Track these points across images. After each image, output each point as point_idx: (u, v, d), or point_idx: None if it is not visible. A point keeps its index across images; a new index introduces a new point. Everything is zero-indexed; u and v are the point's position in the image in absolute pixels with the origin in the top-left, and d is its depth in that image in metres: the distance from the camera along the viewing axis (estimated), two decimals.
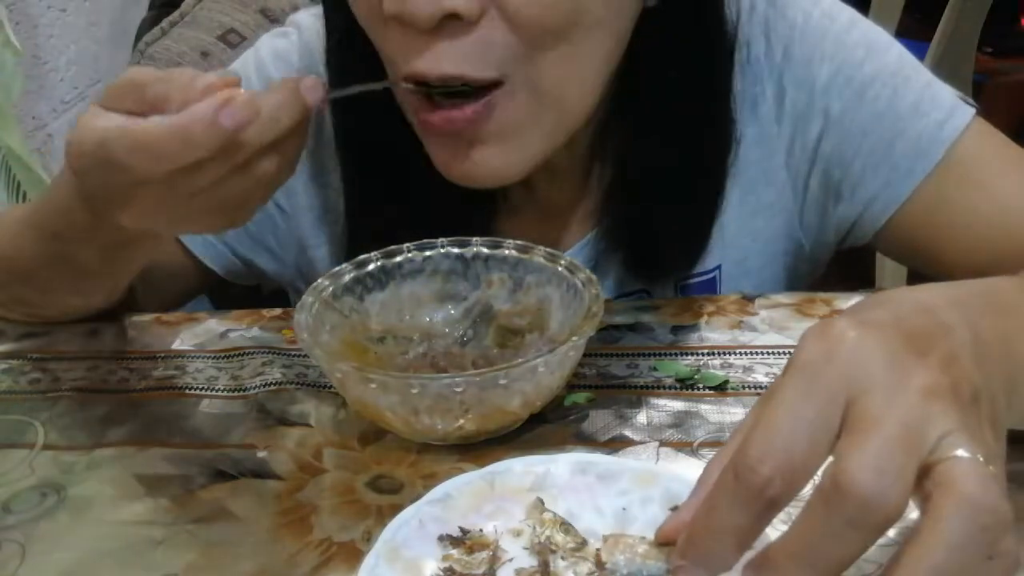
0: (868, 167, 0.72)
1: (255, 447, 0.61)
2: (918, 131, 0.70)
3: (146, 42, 1.57)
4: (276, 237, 0.83)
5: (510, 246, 0.67)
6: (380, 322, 0.67)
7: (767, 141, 0.74)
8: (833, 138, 0.72)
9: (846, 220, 0.75)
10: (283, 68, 0.80)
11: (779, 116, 0.73)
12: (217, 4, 1.62)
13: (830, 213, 0.76)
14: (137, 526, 0.55)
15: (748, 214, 0.76)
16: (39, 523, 0.56)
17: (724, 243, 0.76)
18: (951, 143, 0.69)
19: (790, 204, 0.76)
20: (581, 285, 0.62)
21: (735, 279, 0.78)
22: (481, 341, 0.67)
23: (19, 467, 0.61)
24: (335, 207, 0.79)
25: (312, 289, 0.63)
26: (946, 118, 0.70)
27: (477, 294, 0.68)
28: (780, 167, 0.75)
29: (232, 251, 0.82)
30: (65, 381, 0.70)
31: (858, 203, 0.73)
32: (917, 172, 0.70)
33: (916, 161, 0.70)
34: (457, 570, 0.48)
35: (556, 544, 0.48)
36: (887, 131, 0.71)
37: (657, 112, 0.69)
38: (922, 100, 0.70)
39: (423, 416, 0.56)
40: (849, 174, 0.73)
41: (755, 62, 0.73)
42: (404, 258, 0.68)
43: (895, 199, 0.71)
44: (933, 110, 0.70)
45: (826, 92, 0.71)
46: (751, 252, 0.77)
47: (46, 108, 1.49)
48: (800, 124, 0.73)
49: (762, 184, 0.75)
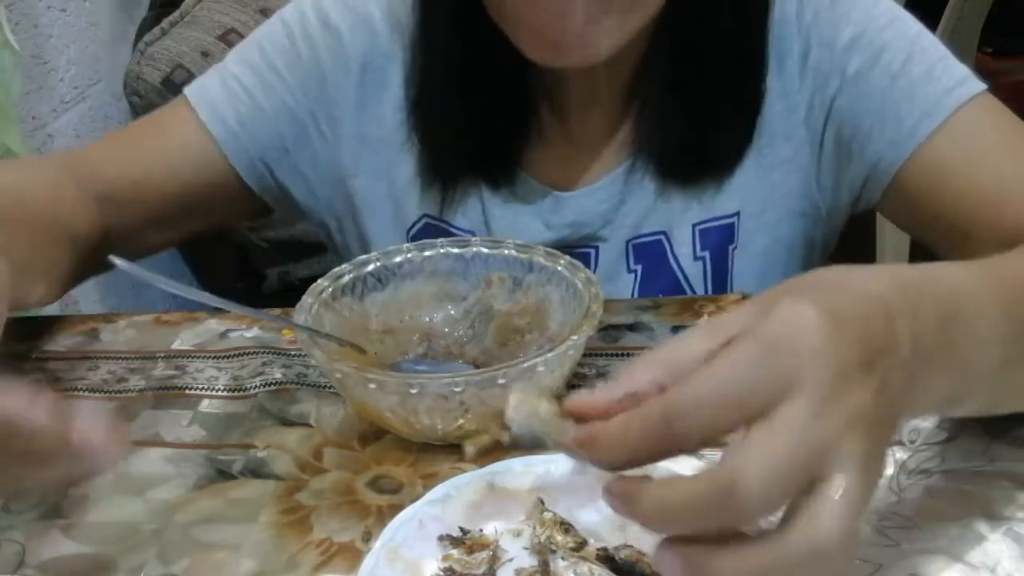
0: (876, 126, 0.73)
1: (255, 447, 0.61)
2: (927, 95, 0.72)
3: (146, 42, 1.57)
4: (314, 166, 0.83)
5: (510, 246, 0.67)
6: (380, 322, 0.67)
7: (789, 96, 0.76)
8: (847, 96, 0.75)
9: (857, 179, 0.76)
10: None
11: (803, 72, 0.76)
12: (217, 4, 1.62)
13: (843, 172, 0.77)
14: (136, 526, 0.55)
15: (767, 167, 0.78)
16: (39, 524, 0.56)
17: (744, 193, 0.78)
18: (955, 109, 0.71)
19: (807, 163, 0.78)
20: (581, 285, 0.62)
21: (751, 232, 0.79)
22: (481, 341, 0.67)
23: None
24: (377, 136, 0.82)
25: (312, 290, 0.63)
26: (955, 86, 0.72)
27: (477, 294, 0.68)
28: (800, 123, 0.77)
29: (270, 172, 0.83)
30: (65, 381, 0.70)
31: (867, 162, 0.75)
32: (920, 133, 0.71)
33: (921, 122, 0.71)
34: (457, 570, 0.48)
35: (556, 544, 0.48)
36: (898, 92, 0.72)
37: (695, 46, 0.73)
38: (935, 68, 0.72)
39: (423, 416, 0.56)
40: (859, 132, 0.74)
41: (787, 20, 0.76)
42: (404, 258, 0.68)
43: (898, 158, 0.72)
44: (944, 77, 0.72)
45: (847, 52, 0.74)
46: (768, 205, 0.79)
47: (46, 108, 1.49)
48: (820, 81, 0.75)
49: (781, 138, 0.77)
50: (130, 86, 1.57)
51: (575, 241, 0.80)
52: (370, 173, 0.83)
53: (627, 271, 0.81)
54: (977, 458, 0.56)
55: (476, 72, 0.76)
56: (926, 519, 0.52)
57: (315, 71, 0.80)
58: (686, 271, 0.80)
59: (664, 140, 0.77)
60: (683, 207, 0.79)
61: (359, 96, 0.81)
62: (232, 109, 0.80)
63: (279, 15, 0.83)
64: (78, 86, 1.58)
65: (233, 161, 0.81)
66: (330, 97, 0.81)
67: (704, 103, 0.75)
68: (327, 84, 0.81)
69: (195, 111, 0.80)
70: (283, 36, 0.81)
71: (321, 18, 0.81)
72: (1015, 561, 0.49)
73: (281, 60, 0.81)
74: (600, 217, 0.79)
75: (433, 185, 0.81)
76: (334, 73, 0.81)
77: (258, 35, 0.83)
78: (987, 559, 0.50)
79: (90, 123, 1.60)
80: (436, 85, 0.78)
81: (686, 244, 0.79)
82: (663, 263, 0.80)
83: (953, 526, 0.52)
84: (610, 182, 0.79)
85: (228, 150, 0.80)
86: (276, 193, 0.84)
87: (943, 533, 0.51)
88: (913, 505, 0.53)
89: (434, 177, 0.81)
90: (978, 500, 0.53)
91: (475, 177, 0.81)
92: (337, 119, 0.82)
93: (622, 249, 0.80)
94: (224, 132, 0.80)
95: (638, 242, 0.80)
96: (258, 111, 0.80)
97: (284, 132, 0.81)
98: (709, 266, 0.80)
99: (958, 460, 0.56)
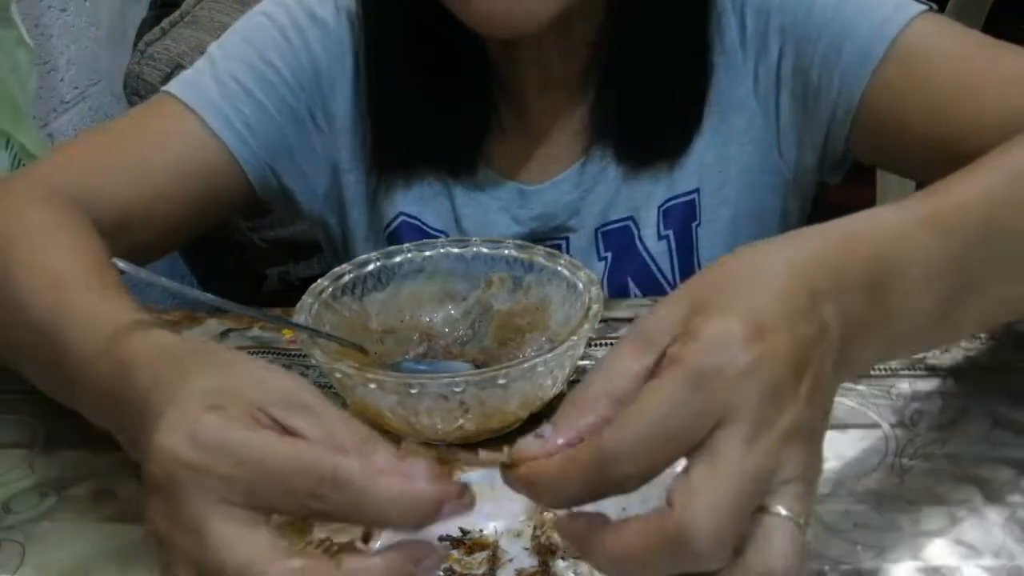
0: (824, 74, 0.73)
1: None
2: (866, 28, 0.71)
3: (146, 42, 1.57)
4: (311, 160, 0.83)
5: (510, 246, 0.67)
6: (380, 322, 0.67)
7: (734, 68, 0.77)
8: (790, 54, 0.75)
9: (819, 134, 0.76)
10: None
11: (743, 43, 0.76)
12: (217, 4, 1.62)
13: (805, 130, 0.77)
14: (137, 526, 0.55)
15: (722, 142, 0.78)
16: (39, 523, 0.56)
17: (701, 169, 0.79)
18: (892, 38, 0.70)
19: (764, 134, 0.78)
20: (581, 285, 0.62)
21: (714, 208, 0.79)
22: (481, 341, 0.67)
23: (19, 467, 0.61)
24: (367, 130, 0.81)
25: (312, 290, 0.63)
26: (890, 14, 0.71)
27: (477, 294, 0.68)
28: (749, 95, 0.77)
29: (270, 165, 0.81)
30: None
31: (823, 113, 0.74)
32: (864, 72, 0.71)
33: (863, 60, 0.71)
34: (457, 570, 0.48)
35: (556, 544, 0.48)
36: (835, 35, 0.72)
37: (641, 29, 0.74)
38: (868, 3, 0.72)
39: (423, 416, 0.56)
40: (809, 85, 0.74)
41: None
42: (404, 258, 0.68)
43: (852, 101, 0.72)
44: (879, 9, 0.71)
45: (780, 10, 0.74)
46: (727, 180, 0.79)
47: (46, 108, 1.49)
48: (761, 49, 0.76)
49: (732, 111, 0.78)
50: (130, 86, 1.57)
51: (544, 234, 0.80)
52: (360, 169, 0.83)
53: (598, 259, 0.81)
54: (980, 443, 0.57)
55: (430, 67, 0.76)
56: (928, 503, 0.53)
57: (309, 64, 0.80)
58: (652, 252, 0.80)
59: (618, 124, 0.77)
60: (647, 190, 0.79)
61: (354, 88, 0.81)
62: (233, 109, 0.77)
63: (259, 11, 0.81)
64: (78, 86, 1.58)
65: (243, 164, 0.78)
66: (325, 90, 0.81)
67: (652, 84, 0.75)
68: (321, 77, 0.80)
69: (196, 114, 0.77)
70: (271, 29, 0.80)
71: (306, 10, 0.80)
72: (1018, 544, 0.49)
73: (274, 53, 0.79)
74: (567, 208, 0.80)
75: (401, 182, 0.81)
76: (327, 65, 0.80)
77: (242, 30, 0.81)
78: (990, 543, 0.50)
79: (90, 123, 1.60)
80: (390, 81, 0.78)
81: (651, 225, 0.80)
82: (631, 248, 0.80)
83: (956, 510, 0.52)
84: (573, 172, 0.80)
85: (238, 153, 0.78)
86: (277, 192, 0.84)
87: (945, 517, 0.52)
88: (915, 489, 0.54)
89: (400, 174, 0.81)
90: (981, 484, 0.54)
91: (440, 174, 0.81)
92: (332, 113, 0.81)
93: (591, 238, 0.81)
94: (233, 136, 0.77)
95: (606, 229, 0.80)
96: (260, 109, 0.78)
97: (287, 129, 0.80)
98: (674, 244, 0.80)
99: (961, 444, 0.57)
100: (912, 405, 0.58)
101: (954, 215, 0.48)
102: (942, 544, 0.50)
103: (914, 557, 0.49)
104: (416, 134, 0.79)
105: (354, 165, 0.83)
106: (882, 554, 0.49)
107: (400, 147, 0.80)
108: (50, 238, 0.63)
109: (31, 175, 0.74)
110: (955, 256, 0.47)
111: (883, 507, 0.52)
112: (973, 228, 0.48)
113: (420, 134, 0.79)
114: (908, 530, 0.51)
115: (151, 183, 0.75)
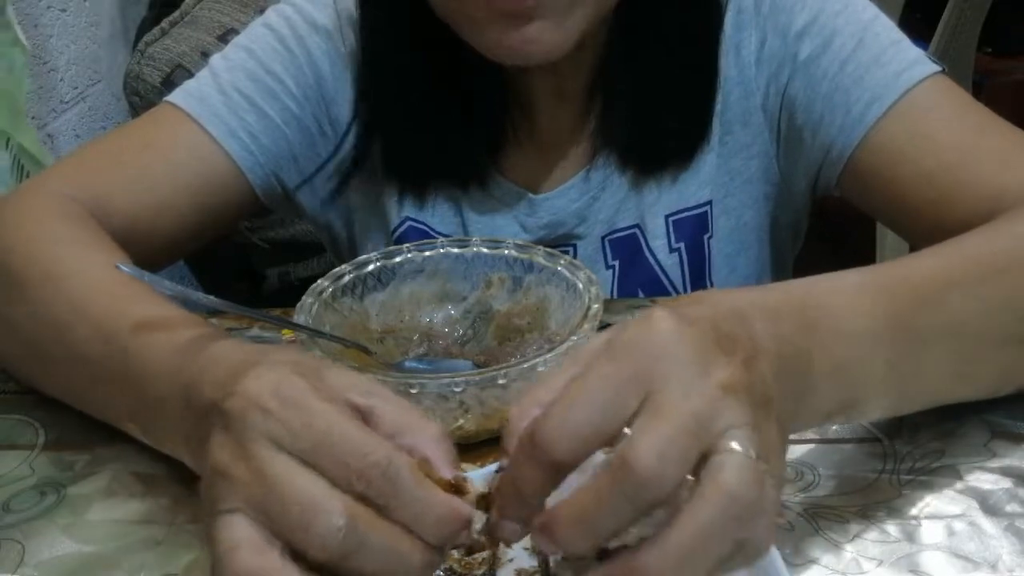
0: (826, 112, 0.73)
1: None
2: (875, 80, 0.71)
3: (146, 42, 1.57)
4: (316, 166, 0.83)
5: (510, 246, 0.67)
6: (380, 322, 0.67)
7: (746, 83, 0.77)
8: (799, 82, 0.75)
9: (812, 165, 0.77)
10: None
11: (759, 60, 0.77)
12: (217, 4, 1.62)
13: (798, 157, 0.78)
14: (136, 526, 0.55)
15: (728, 154, 0.79)
16: (39, 523, 0.56)
17: (711, 181, 0.79)
18: (903, 92, 0.70)
19: (768, 147, 0.79)
20: (581, 285, 0.62)
21: (716, 217, 0.80)
22: (481, 341, 0.67)
23: (19, 467, 0.61)
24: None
25: (312, 290, 0.63)
26: (905, 69, 0.71)
27: (477, 294, 0.68)
28: (757, 109, 0.78)
29: (275, 173, 0.81)
30: None
31: (819, 148, 0.75)
32: (868, 118, 0.71)
33: (869, 108, 0.71)
34: (457, 570, 0.48)
35: None
36: (847, 78, 0.72)
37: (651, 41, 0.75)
38: (885, 53, 0.72)
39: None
40: (810, 119, 0.75)
41: (744, 9, 0.77)
42: (404, 258, 0.68)
43: (848, 144, 0.72)
44: (894, 62, 0.72)
45: (799, 38, 0.75)
46: (731, 191, 0.80)
47: (46, 108, 1.49)
48: (774, 68, 0.76)
49: (739, 124, 0.78)
50: (130, 86, 1.57)
51: (552, 241, 0.80)
52: (367, 174, 0.82)
53: (605, 267, 0.81)
54: (978, 453, 0.56)
55: (444, 79, 0.76)
56: (926, 515, 0.53)
57: (311, 72, 0.80)
58: (663, 264, 0.80)
59: (623, 133, 0.78)
60: (653, 198, 0.80)
61: (358, 94, 0.81)
62: (237, 119, 0.78)
63: (260, 22, 0.82)
64: (78, 86, 1.58)
65: (248, 174, 0.79)
66: (329, 96, 0.81)
67: (659, 96, 0.76)
68: (324, 84, 0.80)
69: (200, 125, 0.77)
70: (273, 40, 0.80)
71: (307, 20, 0.80)
72: (1016, 556, 0.49)
73: (276, 63, 0.79)
74: (574, 215, 0.80)
75: (411, 190, 0.81)
76: (331, 71, 0.80)
77: (244, 42, 0.81)
78: (988, 554, 0.50)
79: (90, 123, 1.60)
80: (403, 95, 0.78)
81: (660, 236, 0.80)
82: (639, 257, 0.81)
83: (954, 521, 0.52)
84: (581, 180, 0.80)
85: (243, 164, 0.78)
86: (282, 199, 0.84)
87: (944, 528, 0.52)
88: (913, 500, 0.54)
89: (410, 185, 0.81)
90: (979, 495, 0.54)
91: (450, 182, 0.81)
92: (337, 119, 0.82)
93: (598, 245, 0.81)
94: (237, 147, 0.77)
95: (613, 237, 0.81)
96: (264, 119, 0.79)
97: (291, 138, 0.80)
98: (685, 257, 0.80)
99: (959, 455, 0.56)
100: (909, 417, 0.58)
101: (904, 279, 0.52)
102: (941, 556, 0.50)
103: (912, 569, 0.49)
104: (430, 147, 0.79)
105: (360, 170, 0.82)
106: (881, 566, 0.49)
107: (413, 159, 0.80)
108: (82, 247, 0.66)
109: (45, 185, 0.75)
110: (898, 313, 0.50)
111: (881, 519, 0.52)
112: (921, 295, 0.52)
113: (434, 147, 0.79)
114: (906, 542, 0.51)
115: (157, 194, 0.75)
